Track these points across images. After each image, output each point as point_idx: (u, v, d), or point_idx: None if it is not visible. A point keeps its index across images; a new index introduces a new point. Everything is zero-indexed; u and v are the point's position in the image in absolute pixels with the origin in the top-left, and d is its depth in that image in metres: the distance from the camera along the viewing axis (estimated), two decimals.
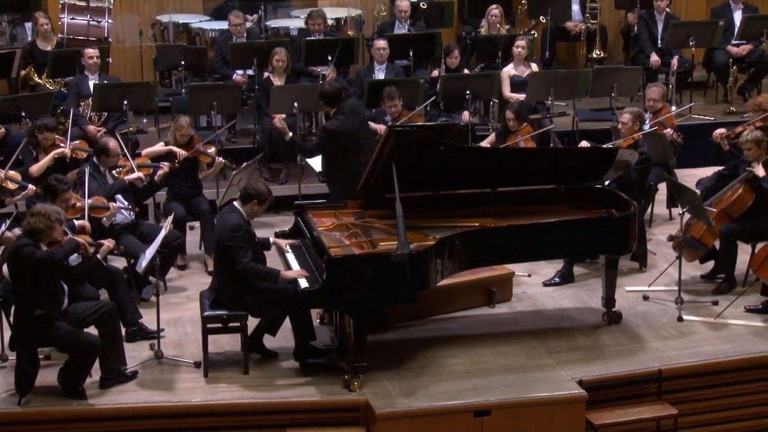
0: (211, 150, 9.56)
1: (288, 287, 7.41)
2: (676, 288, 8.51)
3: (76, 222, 7.99)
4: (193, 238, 9.69)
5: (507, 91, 11.34)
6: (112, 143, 8.86)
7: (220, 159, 9.50)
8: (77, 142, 9.59)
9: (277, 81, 11.04)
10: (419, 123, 9.92)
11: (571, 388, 7.38)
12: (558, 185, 8.33)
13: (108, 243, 7.56)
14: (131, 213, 8.74)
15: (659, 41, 12.53)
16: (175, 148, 9.31)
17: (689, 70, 12.42)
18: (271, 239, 7.88)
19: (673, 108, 11.04)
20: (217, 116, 11.02)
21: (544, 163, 8.26)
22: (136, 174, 8.88)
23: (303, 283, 7.30)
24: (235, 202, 7.58)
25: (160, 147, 9.42)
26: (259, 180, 9.94)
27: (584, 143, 9.38)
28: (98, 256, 7.49)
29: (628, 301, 8.65)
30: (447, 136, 7.73)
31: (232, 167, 9.61)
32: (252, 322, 7.59)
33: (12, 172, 8.94)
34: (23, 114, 10.36)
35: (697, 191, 8.82)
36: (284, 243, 7.87)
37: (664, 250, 9.45)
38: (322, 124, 9.85)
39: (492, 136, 10.18)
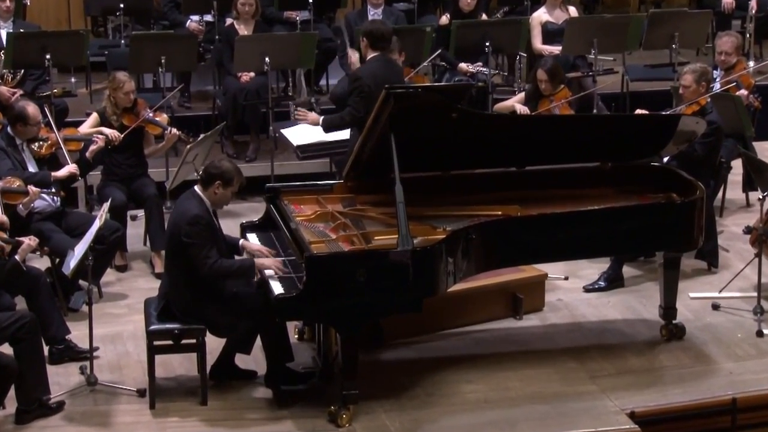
0: (162, 118, 9.54)
1: (258, 294, 7.41)
2: (755, 294, 8.54)
3: None
4: (135, 231, 9.70)
5: (538, 42, 11.35)
6: (31, 109, 8.85)
7: (174, 131, 9.45)
8: None
9: (244, 30, 11.04)
10: (425, 83, 9.92)
11: (620, 422, 7.39)
12: (603, 163, 8.34)
13: (29, 241, 7.54)
14: (56, 198, 8.74)
15: None
16: (105, 130, 9.19)
17: None
18: (241, 242, 7.80)
19: (751, 63, 11.04)
20: (166, 75, 11.00)
21: (586, 135, 8.26)
22: (67, 169, 8.80)
23: (277, 289, 7.30)
24: (196, 186, 7.55)
25: (86, 126, 9.30)
26: (223, 157, 9.90)
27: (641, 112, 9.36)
28: (16, 257, 7.47)
29: (692, 311, 8.69)
30: (461, 99, 7.72)
31: (188, 141, 9.54)
32: (210, 340, 7.59)
33: None
34: None
35: None
36: (256, 248, 7.76)
37: (739, 245, 9.50)
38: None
39: (520, 97, 10.14)
